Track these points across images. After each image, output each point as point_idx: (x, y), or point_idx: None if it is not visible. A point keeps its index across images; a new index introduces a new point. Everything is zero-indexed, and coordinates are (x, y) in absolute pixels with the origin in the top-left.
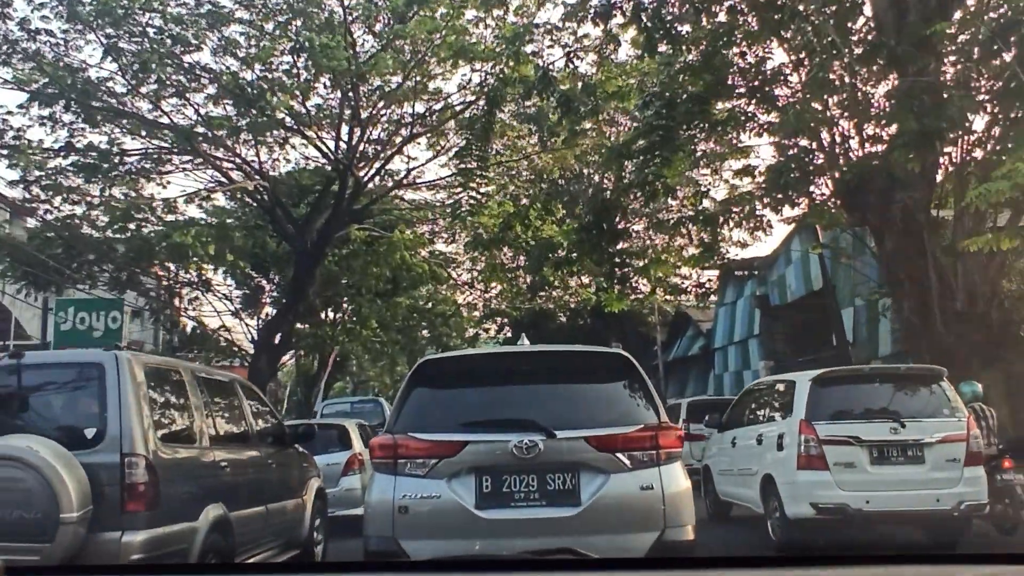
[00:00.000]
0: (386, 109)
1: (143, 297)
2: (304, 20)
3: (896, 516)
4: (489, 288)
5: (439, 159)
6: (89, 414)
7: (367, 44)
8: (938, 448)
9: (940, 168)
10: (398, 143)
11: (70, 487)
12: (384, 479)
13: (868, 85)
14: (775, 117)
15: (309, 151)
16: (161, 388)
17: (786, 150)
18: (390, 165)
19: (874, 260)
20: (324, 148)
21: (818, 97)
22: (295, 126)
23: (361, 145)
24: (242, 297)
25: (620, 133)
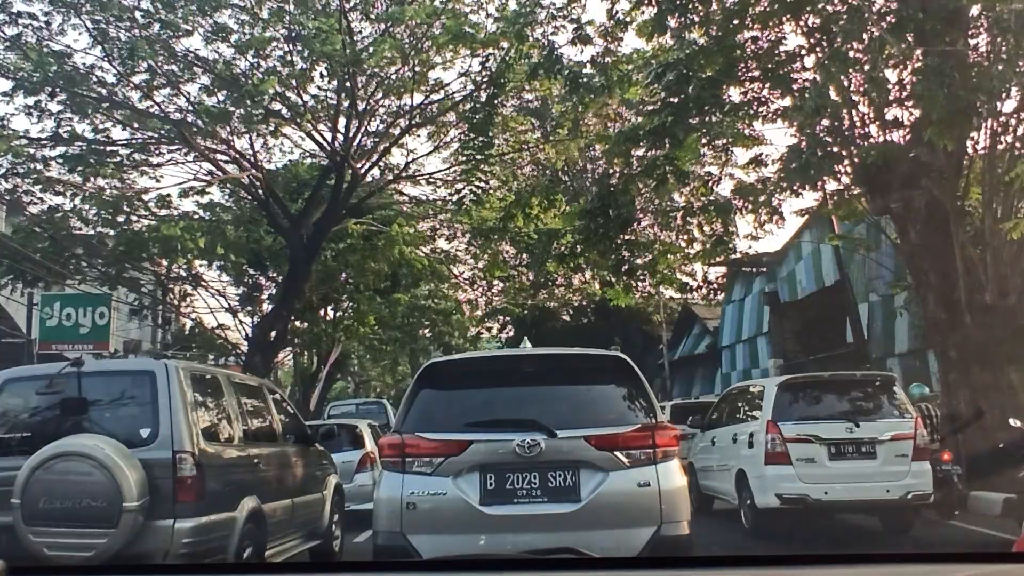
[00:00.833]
0: (385, 99)
1: (134, 293)
2: (298, 4)
3: (851, 505)
4: (492, 284)
5: (440, 153)
6: (143, 416)
7: (365, 31)
8: (889, 445)
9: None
10: (396, 135)
11: (131, 480)
12: (392, 477)
13: (891, 64)
14: (790, 102)
15: (306, 144)
16: (202, 392)
17: (806, 128)
18: (390, 159)
19: (890, 254)
20: (320, 139)
21: (840, 73)
22: (289, 115)
23: (358, 137)
24: (241, 295)
25: (625, 124)
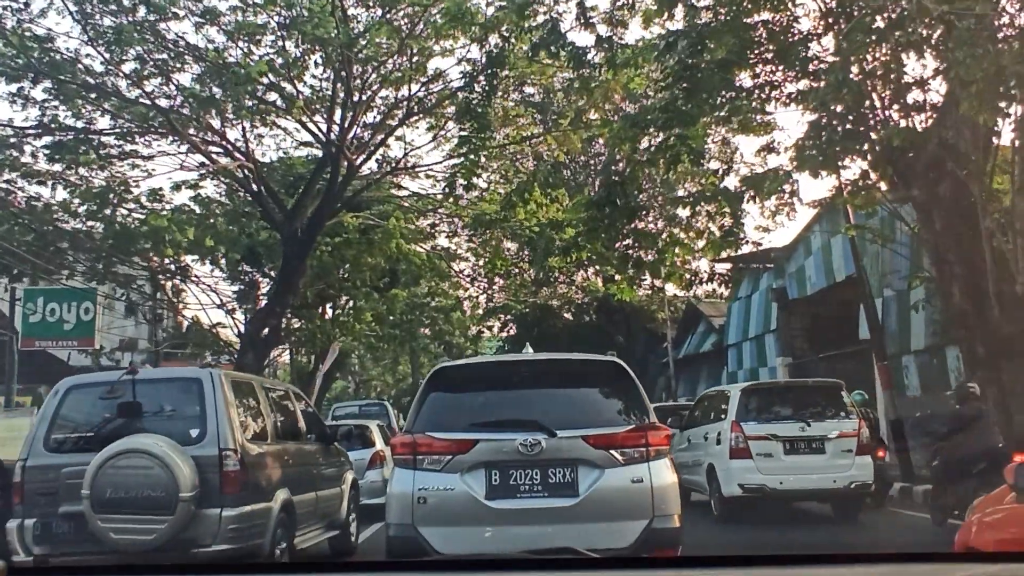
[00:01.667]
0: (382, 90)
1: (122, 288)
2: None
3: (803, 494)
4: (492, 281)
5: (441, 150)
6: (192, 417)
7: (361, 17)
8: (836, 441)
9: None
10: (393, 125)
11: (185, 473)
12: (404, 473)
13: (916, 37)
14: (805, 84)
15: (301, 135)
16: (241, 397)
17: (829, 106)
18: (388, 152)
19: (906, 244)
20: (315, 129)
21: (863, 49)
22: (284, 105)
23: (355, 128)
24: (237, 292)
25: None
